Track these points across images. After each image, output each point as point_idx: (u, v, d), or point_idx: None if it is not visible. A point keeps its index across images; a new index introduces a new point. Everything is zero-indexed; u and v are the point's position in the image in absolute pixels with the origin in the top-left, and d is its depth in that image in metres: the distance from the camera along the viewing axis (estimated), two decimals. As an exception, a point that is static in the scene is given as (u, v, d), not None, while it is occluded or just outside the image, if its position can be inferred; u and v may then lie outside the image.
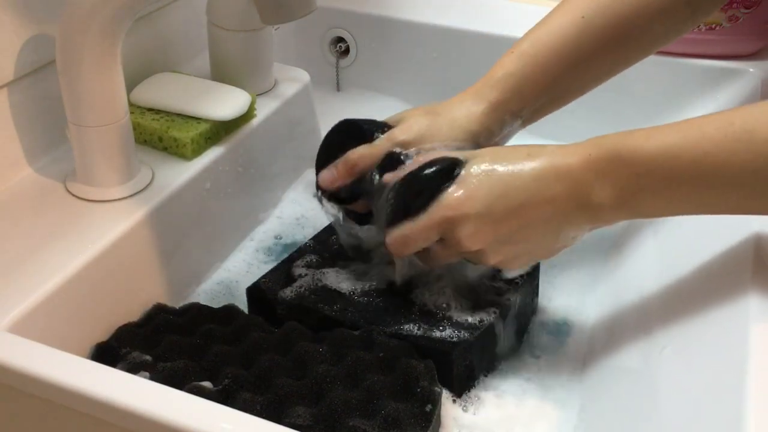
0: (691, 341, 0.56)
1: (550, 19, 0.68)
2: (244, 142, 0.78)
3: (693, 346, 0.55)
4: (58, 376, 0.51)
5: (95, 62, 0.63)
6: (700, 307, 0.58)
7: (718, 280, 0.59)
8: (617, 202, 0.57)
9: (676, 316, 0.60)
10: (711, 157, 0.53)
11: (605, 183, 0.57)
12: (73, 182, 0.69)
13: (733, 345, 0.51)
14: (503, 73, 0.68)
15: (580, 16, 0.66)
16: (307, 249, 0.72)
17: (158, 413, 0.48)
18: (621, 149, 0.56)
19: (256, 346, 0.62)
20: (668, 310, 0.62)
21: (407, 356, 0.60)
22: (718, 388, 0.50)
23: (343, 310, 0.65)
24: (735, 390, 0.47)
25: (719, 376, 0.51)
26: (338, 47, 1.02)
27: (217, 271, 0.75)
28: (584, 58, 0.67)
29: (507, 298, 0.65)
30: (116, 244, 0.64)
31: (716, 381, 0.50)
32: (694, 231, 0.65)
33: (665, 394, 0.54)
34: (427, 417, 0.56)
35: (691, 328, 0.57)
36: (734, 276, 0.57)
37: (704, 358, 0.54)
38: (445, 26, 0.95)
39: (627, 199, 0.56)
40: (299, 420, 0.55)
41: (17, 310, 0.57)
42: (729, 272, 0.59)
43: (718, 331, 0.54)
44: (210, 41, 0.82)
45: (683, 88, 0.89)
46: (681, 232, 0.68)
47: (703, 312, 0.57)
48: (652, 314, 0.63)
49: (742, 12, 0.86)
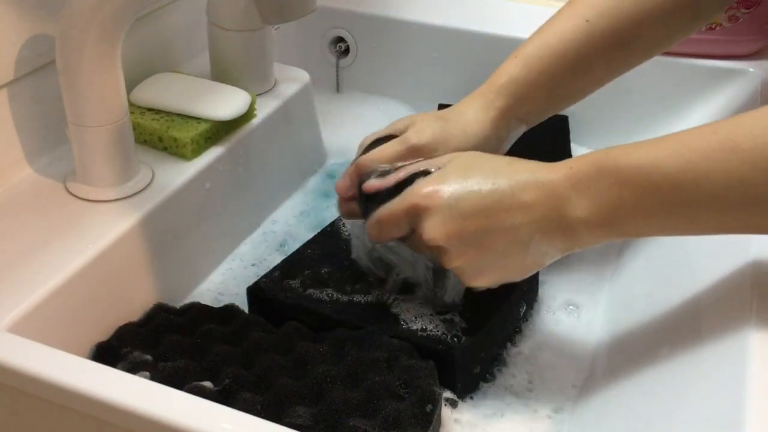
0: (690, 340, 0.56)
1: (554, 23, 0.68)
2: (244, 142, 0.78)
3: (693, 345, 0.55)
4: (58, 376, 0.51)
5: (95, 62, 0.62)
6: (700, 311, 0.58)
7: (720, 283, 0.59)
8: (595, 216, 0.54)
9: (676, 318, 0.60)
10: (693, 165, 0.50)
11: (583, 196, 0.54)
12: (73, 182, 0.69)
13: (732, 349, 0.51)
14: (508, 78, 0.67)
15: (584, 20, 0.66)
16: (308, 248, 0.72)
17: (158, 413, 0.48)
18: (602, 160, 0.54)
19: (256, 346, 0.62)
20: (669, 312, 0.62)
21: (407, 356, 0.60)
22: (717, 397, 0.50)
23: (343, 310, 0.65)
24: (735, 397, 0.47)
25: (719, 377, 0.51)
26: (338, 47, 1.01)
27: (217, 270, 0.75)
28: (589, 62, 0.67)
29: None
30: (116, 243, 0.64)
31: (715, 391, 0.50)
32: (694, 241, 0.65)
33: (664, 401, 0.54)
34: (427, 417, 0.56)
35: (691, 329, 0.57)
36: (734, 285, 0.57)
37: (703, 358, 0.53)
38: (445, 26, 0.95)
39: (605, 213, 0.54)
40: (299, 420, 0.55)
41: (17, 310, 0.57)
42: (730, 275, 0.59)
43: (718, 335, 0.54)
44: (210, 41, 0.82)
45: (683, 88, 0.89)
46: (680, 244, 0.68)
47: (704, 315, 0.57)
48: (654, 316, 0.63)
49: (742, 12, 0.86)
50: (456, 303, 0.64)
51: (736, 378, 0.48)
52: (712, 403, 0.49)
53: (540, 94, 0.67)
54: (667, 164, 0.51)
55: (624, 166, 0.53)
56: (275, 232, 0.81)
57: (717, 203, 0.50)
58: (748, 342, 0.50)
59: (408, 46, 0.98)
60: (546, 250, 0.57)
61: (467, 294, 0.65)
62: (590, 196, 0.54)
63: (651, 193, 0.52)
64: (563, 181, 0.55)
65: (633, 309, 0.67)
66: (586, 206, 0.54)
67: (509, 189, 0.56)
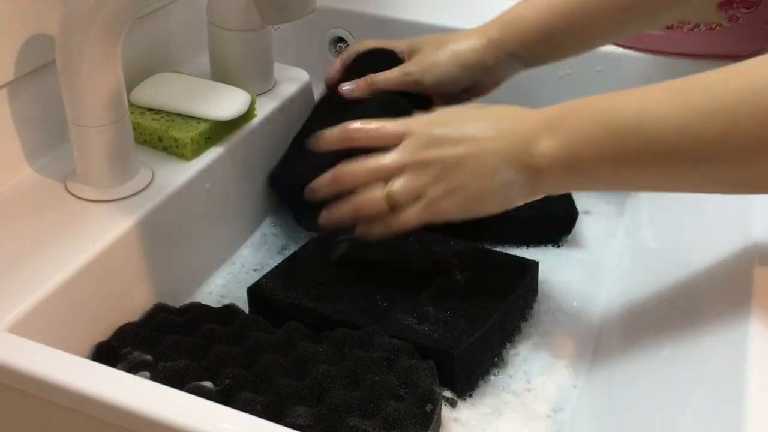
0: (691, 342, 0.56)
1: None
2: (244, 142, 0.78)
3: (693, 347, 0.55)
4: (58, 376, 0.51)
5: (95, 62, 0.62)
6: (700, 309, 0.58)
7: (719, 280, 0.59)
8: (557, 152, 0.56)
9: (676, 317, 0.60)
10: (655, 104, 0.52)
11: (552, 132, 0.57)
12: (73, 182, 0.69)
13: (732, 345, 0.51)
14: (510, 16, 0.75)
15: None
16: (308, 248, 0.72)
17: (158, 413, 0.48)
18: (576, 102, 0.57)
19: (256, 346, 0.62)
20: (669, 311, 0.62)
21: (407, 356, 0.60)
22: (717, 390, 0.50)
23: (343, 310, 0.65)
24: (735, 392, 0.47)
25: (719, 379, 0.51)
26: (338, 47, 1.01)
27: (217, 270, 0.75)
28: (591, 16, 0.72)
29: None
30: (116, 243, 0.64)
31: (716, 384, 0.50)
32: (695, 230, 0.65)
33: (665, 395, 0.54)
34: (427, 417, 0.56)
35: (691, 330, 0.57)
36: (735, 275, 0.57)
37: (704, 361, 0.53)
38: (444, 26, 0.95)
39: (567, 151, 0.56)
40: (299, 420, 0.55)
41: (17, 310, 0.57)
42: (729, 271, 0.59)
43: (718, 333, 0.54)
44: (210, 41, 0.82)
45: (683, 88, 0.89)
46: (681, 231, 0.68)
47: (703, 314, 0.57)
48: (654, 316, 0.63)
49: (742, 12, 0.86)
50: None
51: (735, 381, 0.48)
52: (713, 405, 0.49)
53: (535, 36, 0.73)
54: (630, 106, 0.54)
55: (589, 108, 0.56)
56: (275, 232, 0.81)
57: (683, 151, 0.51)
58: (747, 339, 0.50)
59: (408, 46, 0.98)
60: (512, 178, 0.58)
61: (468, 294, 0.65)
62: (557, 133, 0.57)
63: (613, 134, 0.54)
64: (537, 116, 0.59)
65: (633, 309, 0.67)
66: (550, 143, 0.57)
67: (488, 110, 0.62)
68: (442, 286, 0.67)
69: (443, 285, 0.67)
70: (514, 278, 0.67)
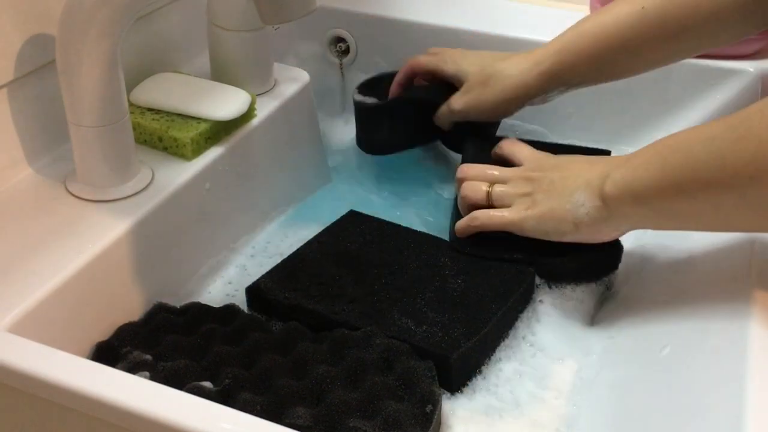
0: (691, 342, 0.56)
1: (614, 6, 0.75)
2: (244, 142, 0.78)
3: (693, 346, 0.55)
4: (58, 376, 0.51)
5: (95, 62, 0.63)
6: (700, 308, 0.58)
7: (719, 281, 0.59)
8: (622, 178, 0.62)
9: (676, 317, 0.60)
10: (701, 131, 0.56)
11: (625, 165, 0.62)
12: (73, 182, 0.69)
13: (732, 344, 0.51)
14: (562, 45, 0.76)
15: (641, 7, 0.72)
16: (309, 248, 0.72)
17: (158, 413, 0.48)
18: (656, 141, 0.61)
19: (256, 346, 0.62)
20: (669, 311, 0.62)
21: (407, 356, 0.60)
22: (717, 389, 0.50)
23: (343, 310, 0.65)
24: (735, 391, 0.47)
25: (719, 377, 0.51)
26: (338, 47, 1.02)
27: (217, 270, 0.75)
28: (638, 45, 0.73)
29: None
30: (116, 243, 0.64)
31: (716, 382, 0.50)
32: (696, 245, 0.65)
33: (665, 401, 0.54)
34: (427, 417, 0.56)
35: (691, 329, 0.57)
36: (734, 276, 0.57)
37: (704, 359, 0.53)
38: (445, 26, 0.95)
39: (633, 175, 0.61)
40: (299, 420, 0.55)
41: (17, 310, 0.57)
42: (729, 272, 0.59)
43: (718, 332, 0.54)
44: (210, 41, 0.82)
45: (683, 88, 0.89)
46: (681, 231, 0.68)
47: (703, 313, 0.57)
48: (653, 315, 0.63)
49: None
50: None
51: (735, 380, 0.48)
52: (713, 405, 0.49)
53: (588, 65, 0.76)
54: (679, 135, 0.58)
55: (662, 140, 0.60)
56: (276, 231, 0.81)
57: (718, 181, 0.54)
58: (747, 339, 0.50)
59: (408, 46, 0.98)
60: (582, 201, 0.64)
61: (466, 298, 0.65)
62: (630, 163, 0.62)
63: (665, 159, 0.58)
64: (621, 157, 0.65)
65: (633, 310, 0.67)
66: (623, 171, 0.62)
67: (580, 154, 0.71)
68: (440, 290, 0.67)
69: (441, 288, 0.67)
70: (512, 285, 0.67)
